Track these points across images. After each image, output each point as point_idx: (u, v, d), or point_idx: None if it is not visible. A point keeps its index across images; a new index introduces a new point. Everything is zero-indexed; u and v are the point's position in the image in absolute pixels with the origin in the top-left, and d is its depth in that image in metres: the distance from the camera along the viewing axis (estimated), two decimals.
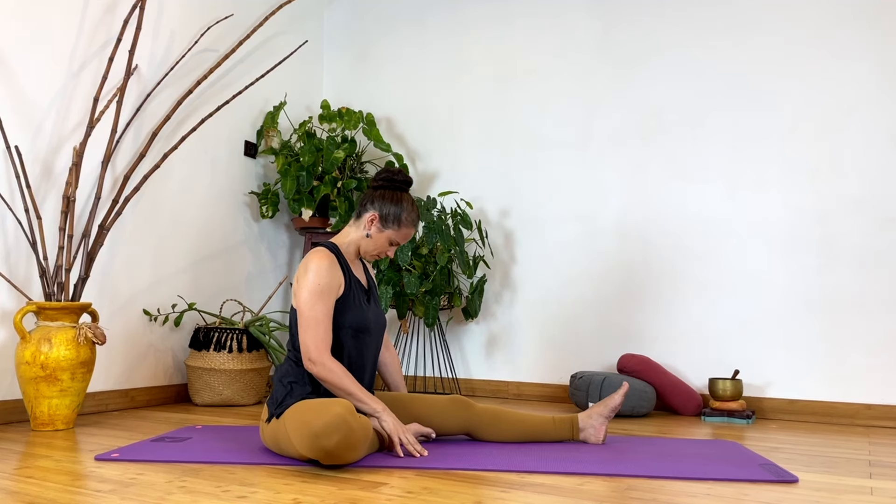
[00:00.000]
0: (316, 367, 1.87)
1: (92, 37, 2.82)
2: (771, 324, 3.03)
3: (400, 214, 2.05)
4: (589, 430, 2.18)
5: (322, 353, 1.87)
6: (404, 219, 2.05)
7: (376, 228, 2.05)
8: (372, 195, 2.08)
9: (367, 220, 2.05)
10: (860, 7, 2.99)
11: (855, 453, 2.18)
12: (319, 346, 1.87)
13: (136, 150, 3.00)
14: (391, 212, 2.04)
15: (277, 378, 1.96)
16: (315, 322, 1.89)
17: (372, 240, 2.06)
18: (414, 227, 2.09)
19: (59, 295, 2.46)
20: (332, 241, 2.08)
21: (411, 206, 2.07)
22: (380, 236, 2.06)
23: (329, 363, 1.87)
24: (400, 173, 2.09)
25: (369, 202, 2.07)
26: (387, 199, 2.05)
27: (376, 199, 2.06)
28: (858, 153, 2.95)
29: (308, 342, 1.88)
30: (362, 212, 2.08)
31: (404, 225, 2.06)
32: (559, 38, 3.57)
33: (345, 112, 3.58)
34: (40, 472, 1.72)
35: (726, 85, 3.20)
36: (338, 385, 1.88)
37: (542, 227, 3.52)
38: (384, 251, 2.09)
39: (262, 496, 1.51)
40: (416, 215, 2.08)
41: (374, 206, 2.06)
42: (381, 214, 2.04)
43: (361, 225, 2.07)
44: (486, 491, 1.59)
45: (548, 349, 3.46)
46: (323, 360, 1.87)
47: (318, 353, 1.87)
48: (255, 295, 3.63)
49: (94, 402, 2.78)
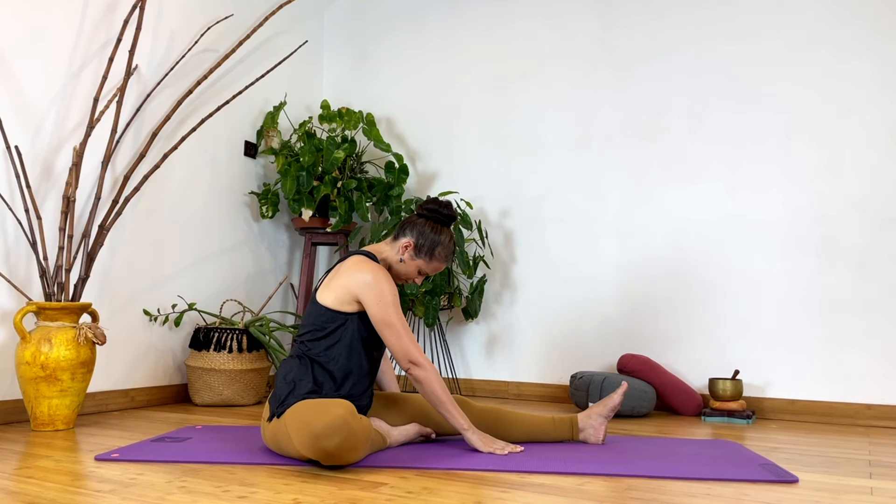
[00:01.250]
0: (419, 368, 1.92)
1: (92, 37, 2.82)
2: (771, 324, 3.03)
3: (434, 248, 2.07)
4: (588, 431, 2.18)
5: (423, 356, 1.93)
6: (437, 253, 2.08)
7: (409, 255, 2.07)
8: (413, 222, 2.09)
9: (403, 245, 2.07)
10: (860, 8, 2.99)
11: (855, 453, 2.18)
12: (420, 350, 1.93)
13: (136, 150, 3.00)
14: (427, 243, 2.06)
15: (281, 375, 1.96)
16: (404, 328, 1.93)
17: (403, 265, 2.08)
18: (446, 262, 2.12)
19: (59, 295, 2.46)
20: (370, 250, 2.08)
21: (449, 241, 2.10)
22: (411, 263, 2.08)
23: (430, 366, 1.94)
24: (447, 207, 2.11)
25: (409, 228, 2.09)
26: (426, 230, 2.07)
27: (416, 226, 2.08)
28: (858, 153, 2.95)
29: (407, 347, 1.92)
30: (400, 235, 2.09)
31: (436, 259, 2.09)
32: (559, 39, 3.57)
33: (345, 112, 3.58)
34: (40, 472, 1.72)
35: (726, 85, 3.20)
36: (437, 391, 1.94)
37: (542, 227, 3.52)
38: (412, 278, 2.12)
39: (262, 496, 1.51)
40: (450, 251, 2.11)
41: (412, 233, 2.07)
42: (417, 243, 2.06)
43: (397, 248, 2.08)
44: (486, 491, 1.59)
45: (548, 349, 3.46)
46: (424, 363, 1.93)
47: (421, 355, 1.93)
48: (255, 295, 3.63)
49: (94, 403, 2.78)
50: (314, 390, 1.91)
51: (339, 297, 1.95)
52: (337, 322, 1.95)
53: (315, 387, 1.92)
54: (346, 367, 1.96)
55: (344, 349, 1.96)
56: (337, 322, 1.95)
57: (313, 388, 1.91)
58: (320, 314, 1.97)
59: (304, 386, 1.91)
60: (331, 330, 1.95)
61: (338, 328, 1.95)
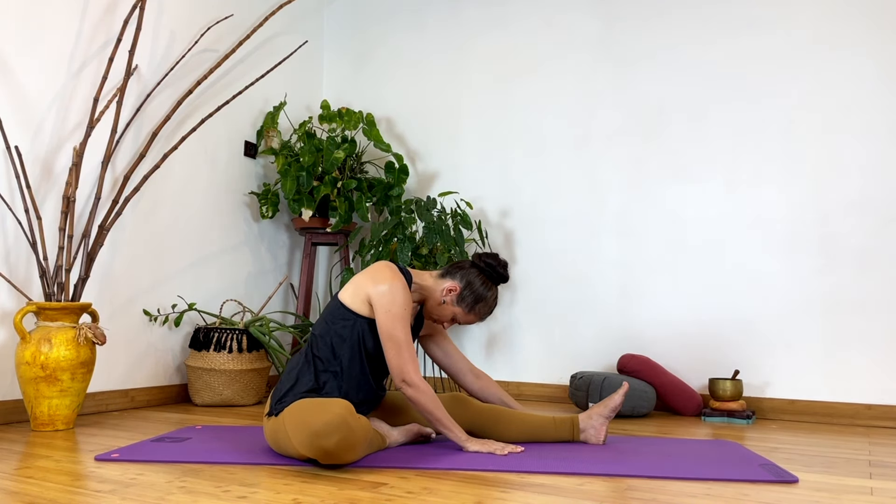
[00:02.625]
0: (412, 388, 1.90)
1: (92, 37, 2.82)
2: (771, 324, 3.03)
3: (478, 302, 2.08)
4: (589, 431, 2.18)
5: (417, 376, 1.90)
6: (478, 308, 2.09)
7: (450, 300, 2.07)
8: (467, 270, 2.09)
9: (448, 287, 2.06)
10: (860, 5, 2.99)
11: (855, 453, 2.18)
12: (415, 369, 1.90)
13: (136, 150, 3.00)
14: (472, 295, 2.07)
15: (288, 368, 1.96)
16: (407, 344, 1.90)
17: (441, 307, 2.08)
18: (481, 319, 2.12)
19: (59, 295, 2.45)
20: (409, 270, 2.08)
21: (493, 300, 2.11)
22: (448, 308, 2.08)
23: (424, 385, 1.91)
24: (503, 266, 2.11)
25: (460, 273, 2.08)
26: (476, 282, 2.07)
27: (467, 275, 2.08)
28: (858, 152, 2.95)
29: (404, 364, 1.89)
30: (448, 276, 2.09)
31: (474, 313, 2.09)
32: (559, 38, 3.57)
33: (345, 112, 3.58)
34: (40, 472, 1.72)
35: (726, 83, 3.20)
36: (430, 409, 1.92)
37: (542, 227, 3.52)
38: (443, 321, 2.11)
39: (262, 496, 1.51)
40: (490, 310, 2.12)
41: (461, 280, 2.07)
42: (463, 292, 2.06)
43: (441, 287, 2.07)
44: (486, 491, 1.59)
45: (548, 349, 3.46)
46: (418, 383, 1.90)
47: (416, 375, 1.90)
48: (255, 295, 3.63)
49: (94, 403, 2.78)
50: (315, 388, 1.90)
51: (358, 296, 1.95)
52: (347, 320, 1.95)
53: (316, 385, 1.91)
54: (350, 371, 1.94)
55: (347, 350, 1.94)
56: (347, 320, 1.95)
57: (314, 387, 1.90)
58: (335, 309, 1.98)
59: (305, 384, 1.90)
60: (339, 327, 1.94)
61: (345, 327, 1.95)
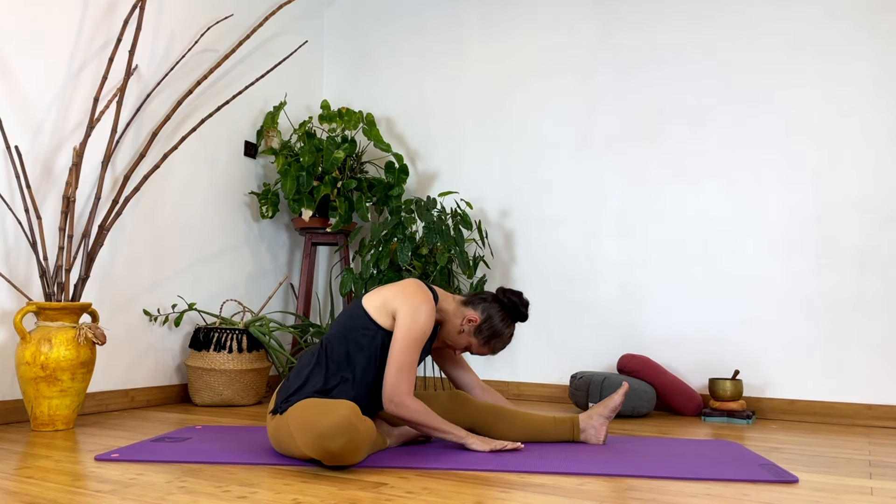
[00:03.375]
0: (398, 408, 1.90)
1: (92, 37, 2.82)
2: (771, 324, 3.03)
3: (493, 337, 2.09)
4: (590, 431, 2.18)
5: (407, 397, 1.89)
6: (493, 343, 2.10)
7: (469, 329, 2.08)
8: (490, 304, 2.10)
9: (469, 317, 2.07)
10: (859, 8, 2.99)
11: (855, 453, 2.18)
12: (408, 390, 1.90)
13: (136, 150, 3.00)
14: (490, 330, 2.08)
15: (298, 367, 1.95)
16: (410, 366, 1.90)
17: (459, 335, 2.09)
18: (494, 353, 2.14)
19: (59, 295, 2.45)
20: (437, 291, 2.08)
21: (509, 337, 2.13)
22: (465, 337, 2.09)
23: (412, 404, 1.90)
24: (525, 307, 2.13)
25: (482, 306, 2.09)
26: (496, 317, 2.09)
27: (489, 309, 2.09)
28: (858, 153, 2.95)
29: (399, 385, 1.89)
30: (469, 304, 2.10)
31: (488, 346, 2.11)
32: (559, 39, 3.57)
33: (345, 112, 3.58)
34: (40, 472, 1.72)
35: (726, 86, 3.20)
36: (422, 422, 1.93)
37: (542, 227, 3.52)
38: (458, 348, 2.12)
39: (262, 496, 1.51)
40: (504, 345, 2.13)
41: (482, 313, 2.08)
42: (482, 325, 2.07)
43: (462, 315, 2.08)
44: (486, 491, 1.59)
45: (548, 349, 3.46)
46: (406, 403, 1.89)
47: (404, 395, 1.89)
48: (255, 295, 3.63)
49: (94, 403, 2.78)
50: (323, 391, 1.89)
51: (384, 308, 1.95)
52: (369, 330, 1.94)
53: (325, 387, 1.89)
54: (363, 378, 1.93)
55: (363, 359, 1.93)
56: (369, 330, 1.94)
57: (323, 389, 1.89)
58: (358, 316, 1.97)
59: (314, 385, 1.89)
60: (359, 335, 1.94)
61: (366, 336, 1.94)
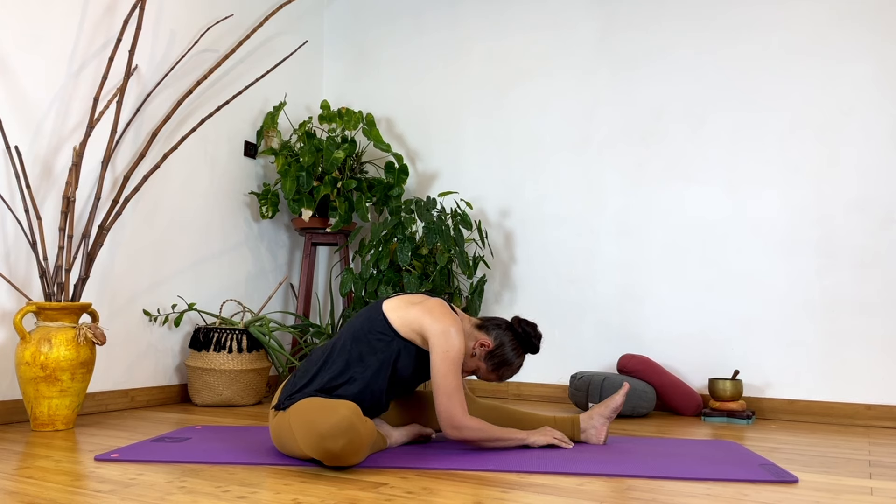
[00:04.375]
0: (461, 432, 1.91)
1: (92, 37, 2.82)
2: (771, 324, 3.03)
3: (503, 365, 2.09)
4: (590, 431, 2.18)
5: (464, 419, 1.91)
6: (502, 371, 2.10)
7: (479, 354, 2.08)
8: (503, 331, 2.09)
9: (481, 342, 2.06)
10: (859, 7, 2.99)
11: (855, 453, 2.18)
12: (463, 412, 1.91)
13: (136, 150, 3.00)
14: (501, 357, 2.08)
15: (308, 363, 1.94)
16: (457, 390, 1.91)
17: (469, 358, 2.08)
18: (500, 380, 2.14)
19: (59, 295, 2.45)
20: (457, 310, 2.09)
21: (518, 367, 2.13)
22: (475, 361, 2.09)
23: (471, 423, 1.92)
24: (538, 339, 2.12)
25: (496, 332, 2.09)
26: (508, 345, 2.08)
27: (502, 336, 2.09)
28: (858, 153, 2.95)
29: (454, 409, 1.89)
30: (483, 329, 2.10)
31: (496, 373, 2.10)
32: (559, 38, 3.57)
33: (344, 112, 3.58)
34: (40, 472, 1.72)
35: (726, 86, 3.20)
36: (483, 439, 1.95)
37: (542, 227, 3.52)
38: (467, 369, 2.12)
39: (262, 496, 1.51)
40: (512, 374, 2.13)
41: (494, 339, 2.08)
42: (493, 351, 2.07)
43: (475, 338, 2.07)
44: (486, 491, 1.59)
45: (548, 349, 3.46)
46: (466, 424, 1.91)
47: (461, 419, 1.90)
48: (255, 295, 3.63)
49: (94, 403, 2.78)
50: (328, 389, 1.88)
51: (408, 321, 1.94)
52: (386, 335, 1.93)
53: (331, 386, 1.88)
54: (372, 382, 1.91)
55: (376, 363, 1.91)
56: (386, 335, 1.93)
57: (328, 387, 1.88)
58: (377, 320, 1.95)
59: (320, 382, 1.88)
60: (375, 339, 1.92)
61: (382, 340, 1.93)
